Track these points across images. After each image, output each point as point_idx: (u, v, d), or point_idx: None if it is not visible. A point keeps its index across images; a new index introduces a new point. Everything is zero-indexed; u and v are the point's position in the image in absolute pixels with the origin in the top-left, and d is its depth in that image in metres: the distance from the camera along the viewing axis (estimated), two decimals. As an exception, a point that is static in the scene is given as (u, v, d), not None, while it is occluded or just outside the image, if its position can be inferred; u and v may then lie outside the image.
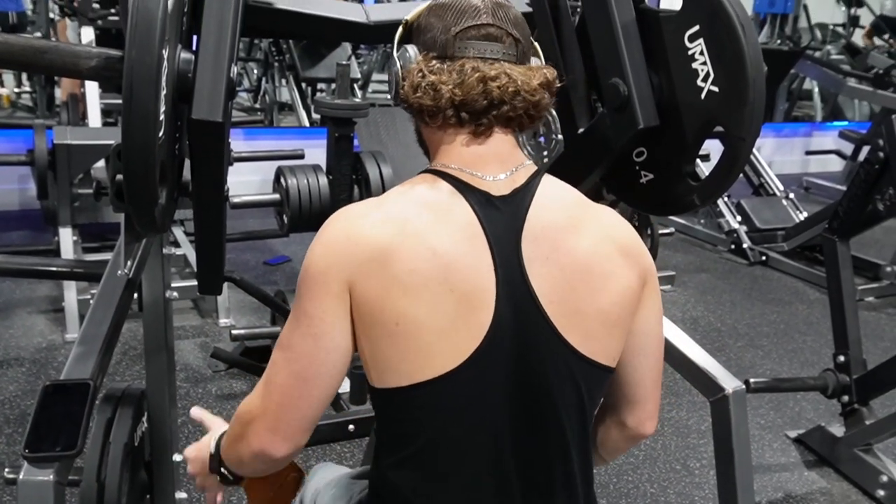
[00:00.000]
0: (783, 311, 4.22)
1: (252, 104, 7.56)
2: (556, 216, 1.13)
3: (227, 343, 3.33)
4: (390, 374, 1.09)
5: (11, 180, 5.00)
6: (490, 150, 1.14)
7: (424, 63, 1.12)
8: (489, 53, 1.11)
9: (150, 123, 1.00)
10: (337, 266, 1.07)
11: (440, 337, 1.06)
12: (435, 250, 1.05)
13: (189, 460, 1.32)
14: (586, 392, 1.15)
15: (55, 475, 1.17)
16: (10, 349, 3.26)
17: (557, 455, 1.15)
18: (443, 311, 1.05)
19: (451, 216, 1.08)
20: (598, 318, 1.13)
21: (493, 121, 1.13)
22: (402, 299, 1.04)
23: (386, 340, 1.07)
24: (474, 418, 1.09)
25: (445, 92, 1.10)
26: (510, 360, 1.09)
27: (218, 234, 1.44)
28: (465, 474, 1.11)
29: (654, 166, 1.51)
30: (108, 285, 1.52)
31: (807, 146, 7.26)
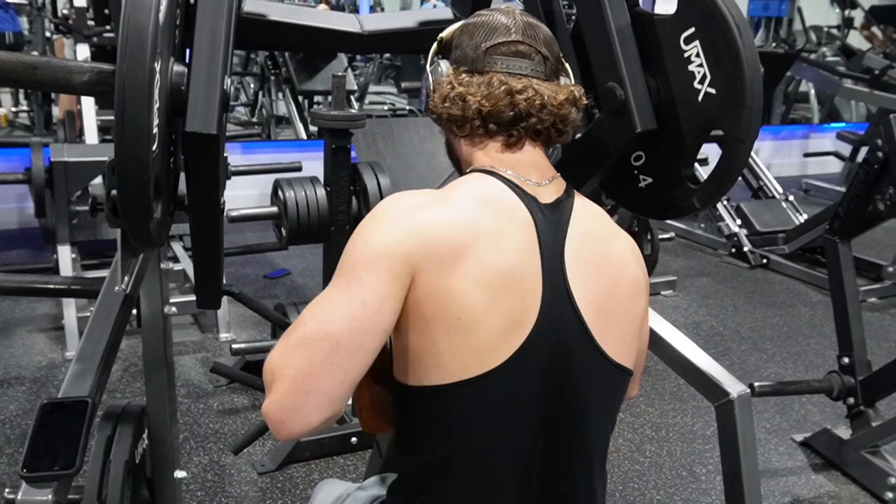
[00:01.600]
0: (786, 313, 4.20)
1: (249, 118, 7.56)
2: (591, 227, 1.18)
3: (227, 358, 3.31)
4: (436, 370, 1.08)
5: (9, 199, 5.00)
6: (526, 158, 1.19)
7: (455, 76, 1.18)
8: (517, 69, 1.17)
9: (143, 137, 0.99)
10: (408, 249, 1.05)
11: (496, 336, 1.07)
12: (502, 250, 1.08)
13: None
14: (612, 396, 1.19)
15: (54, 495, 1.16)
16: (11, 368, 3.25)
17: (580, 462, 1.17)
18: (501, 308, 1.07)
19: (514, 219, 1.12)
20: (627, 324, 1.18)
21: (522, 132, 1.18)
22: (468, 294, 1.05)
23: (443, 335, 1.06)
24: (505, 419, 1.10)
25: (473, 103, 1.15)
26: (545, 362, 1.11)
27: (215, 248, 1.43)
28: (491, 476, 1.11)
29: (652, 170, 1.51)
30: (105, 301, 1.50)
31: (805, 148, 7.27)
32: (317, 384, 1.01)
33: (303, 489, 2.53)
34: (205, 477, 2.57)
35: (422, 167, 4.21)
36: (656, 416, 3.08)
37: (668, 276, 4.46)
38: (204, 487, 2.52)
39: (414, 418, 1.13)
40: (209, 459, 2.67)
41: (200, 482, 2.54)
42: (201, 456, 2.69)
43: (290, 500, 2.47)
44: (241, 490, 2.52)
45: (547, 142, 1.21)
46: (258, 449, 2.72)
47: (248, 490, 2.52)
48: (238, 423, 2.89)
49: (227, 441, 2.77)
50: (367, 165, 2.84)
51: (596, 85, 1.52)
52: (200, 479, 2.56)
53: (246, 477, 2.59)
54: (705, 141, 1.44)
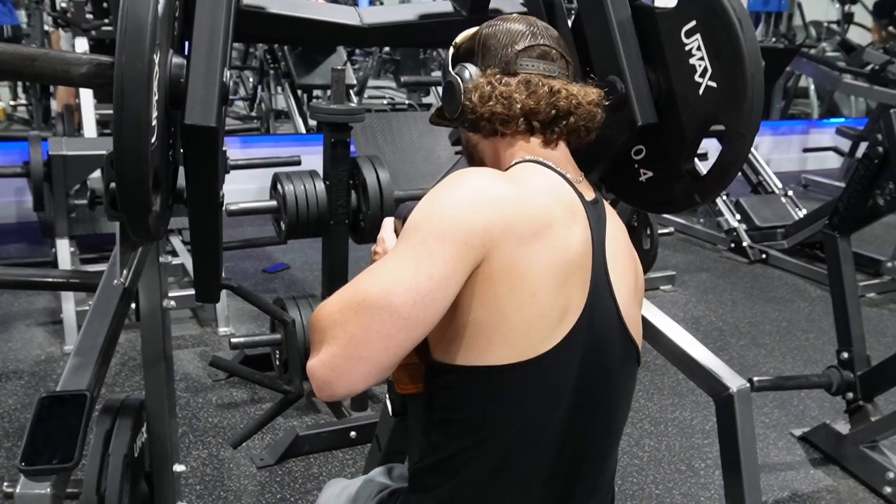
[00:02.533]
0: (785, 308, 4.20)
1: (248, 112, 7.55)
2: (618, 225, 1.25)
3: (226, 352, 3.31)
4: (499, 347, 1.06)
5: (8, 193, 4.99)
6: (563, 156, 1.24)
7: (492, 76, 1.21)
8: (548, 71, 1.22)
9: (141, 130, 0.98)
10: (489, 222, 1.04)
11: (553, 320, 1.09)
12: (568, 237, 1.11)
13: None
14: (631, 387, 1.26)
15: (52, 488, 1.15)
16: (9, 362, 3.24)
17: (606, 452, 1.21)
18: (565, 293, 1.10)
19: (574, 210, 1.15)
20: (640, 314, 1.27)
21: (560, 132, 1.22)
22: (543, 273, 1.07)
23: (515, 311, 1.05)
24: (546, 406, 1.11)
25: (518, 101, 1.18)
26: (585, 352, 1.13)
27: (214, 242, 1.43)
28: (524, 462, 1.11)
29: (653, 164, 1.50)
30: (103, 295, 1.50)
31: (804, 144, 7.27)
32: (370, 352, 1.01)
33: (302, 483, 2.53)
34: (204, 471, 2.57)
35: (420, 161, 4.21)
36: (655, 411, 3.08)
37: (667, 271, 4.45)
38: (203, 481, 2.52)
39: (456, 400, 1.10)
40: (208, 453, 2.67)
41: (199, 476, 2.54)
42: (200, 450, 2.69)
43: (289, 494, 2.47)
44: (240, 484, 2.52)
45: (577, 142, 1.25)
46: (257, 443, 2.72)
47: (246, 484, 2.52)
48: (237, 417, 2.89)
49: (227, 435, 2.77)
50: (366, 159, 2.84)
51: (596, 78, 1.52)
52: (199, 473, 2.56)
53: (245, 471, 2.59)
54: (706, 135, 1.43)
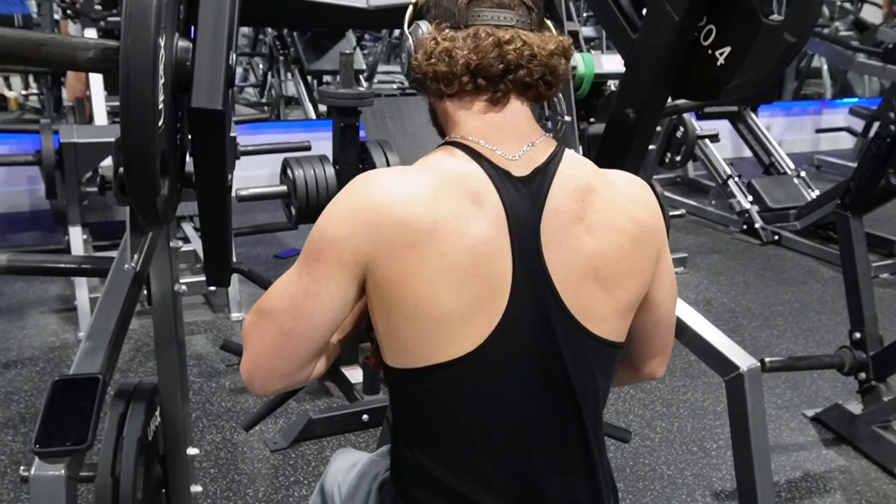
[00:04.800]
0: (797, 290, 4.18)
1: (258, 99, 7.55)
2: (569, 200, 1.11)
3: (239, 337, 3.33)
4: (407, 354, 1.08)
5: (21, 181, 5.03)
6: (507, 122, 1.13)
7: (438, 32, 1.12)
8: (503, 20, 1.11)
9: (148, 113, 0.99)
10: (358, 237, 1.04)
11: (460, 321, 1.05)
12: (463, 235, 1.04)
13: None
14: (601, 373, 1.16)
15: (67, 470, 1.16)
16: (24, 348, 3.27)
17: (576, 435, 1.15)
18: (464, 296, 1.05)
19: (481, 201, 1.07)
20: (613, 303, 1.13)
21: (509, 86, 1.12)
22: (425, 283, 1.03)
23: (403, 322, 1.06)
24: (491, 401, 1.10)
25: (460, 57, 1.09)
26: (527, 343, 1.09)
27: (223, 226, 1.43)
28: (483, 453, 1.11)
29: (727, 36, 1.40)
30: (115, 280, 1.51)
31: (817, 124, 7.21)
32: (268, 362, 1.11)
33: (315, 466, 2.54)
34: (217, 455, 2.59)
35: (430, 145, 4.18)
36: (667, 393, 3.08)
37: (679, 254, 4.44)
38: (217, 465, 2.54)
39: (401, 398, 1.15)
40: (222, 437, 2.69)
41: (213, 460, 2.57)
42: (214, 434, 2.71)
43: (303, 477, 2.49)
44: (253, 467, 2.54)
45: (536, 97, 1.16)
46: (270, 427, 2.74)
47: (260, 467, 2.54)
48: (250, 401, 2.91)
49: (240, 419, 2.79)
50: (375, 144, 2.84)
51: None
52: (213, 457, 2.58)
53: (258, 454, 2.61)
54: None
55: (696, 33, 1.43)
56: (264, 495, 2.41)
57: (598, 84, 2.27)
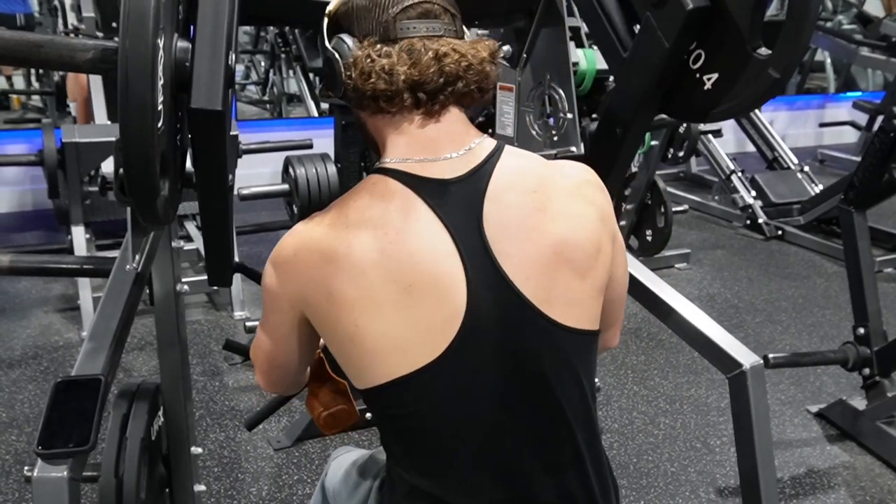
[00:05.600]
0: (801, 285, 4.18)
1: (261, 96, 7.55)
2: (520, 193, 1.11)
3: (242, 335, 3.33)
4: (364, 374, 1.10)
5: (24, 181, 5.03)
6: (443, 132, 1.12)
7: (370, 48, 1.09)
8: (433, 31, 1.09)
9: (147, 113, 0.98)
10: (286, 287, 1.12)
11: (411, 334, 1.05)
12: (383, 252, 1.05)
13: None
14: (579, 362, 1.14)
15: (69, 471, 1.16)
16: (28, 348, 3.28)
17: (561, 432, 1.13)
18: (409, 310, 1.05)
19: (402, 214, 1.07)
20: (578, 289, 1.12)
21: (446, 100, 1.11)
22: (354, 306, 1.05)
23: (349, 345, 1.08)
24: (463, 406, 1.09)
25: (401, 73, 1.07)
26: (494, 344, 1.07)
27: (224, 225, 1.43)
28: (464, 460, 1.11)
29: (715, 63, 1.41)
30: (116, 280, 1.51)
31: (820, 118, 7.19)
32: (269, 378, 1.30)
33: (318, 464, 2.55)
34: (221, 453, 2.60)
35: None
36: (670, 389, 3.08)
37: (682, 249, 4.43)
38: (221, 464, 2.54)
39: (375, 415, 1.17)
40: (225, 436, 2.69)
41: (217, 458, 2.57)
42: (217, 433, 2.71)
43: (306, 476, 2.49)
44: (257, 466, 2.54)
45: (470, 103, 1.15)
46: (273, 425, 2.74)
47: (264, 466, 2.55)
48: (253, 399, 2.91)
49: (243, 418, 2.79)
50: (377, 141, 2.83)
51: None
52: (217, 456, 2.58)
53: (262, 453, 2.61)
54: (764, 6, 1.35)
55: (686, 56, 1.44)
56: (268, 494, 2.41)
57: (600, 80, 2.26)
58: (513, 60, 1.93)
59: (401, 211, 1.07)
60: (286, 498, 2.39)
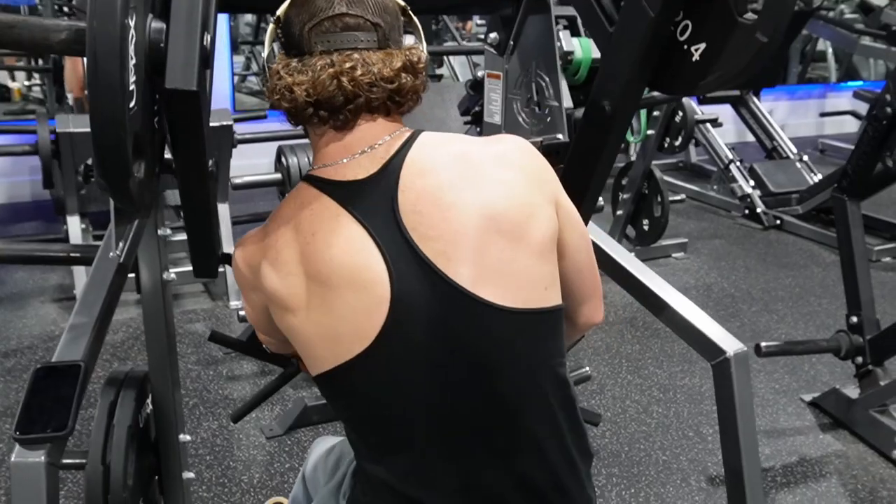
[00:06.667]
0: (798, 274, 4.17)
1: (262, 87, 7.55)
2: (433, 176, 1.10)
3: (236, 326, 3.34)
4: (310, 364, 1.15)
5: (23, 172, 5.04)
6: (355, 139, 1.13)
7: (283, 63, 1.11)
8: (344, 44, 1.09)
9: (116, 93, 0.97)
10: (243, 280, 1.21)
11: (338, 325, 1.08)
12: (302, 253, 1.10)
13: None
14: (525, 344, 1.11)
15: (47, 456, 1.17)
16: (24, 337, 3.29)
17: (506, 419, 1.11)
18: (328, 303, 1.08)
19: (318, 218, 1.10)
20: (512, 258, 1.09)
21: (350, 114, 1.11)
22: (289, 303, 1.11)
23: (293, 337, 1.15)
24: (402, 395, 1.10)
25: (300, 93, 1.09)
26: (425, 332, 1.07)
27: (206, 213, 1.43)
28: (414, 449, 1.11)
29: (702, 33, 1.39)
30: (99, 268, 1.51)
31: (821, 108, 7.17)
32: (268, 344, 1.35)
33: (310, 453, 2.55)
34: (214, 441, 2.61)
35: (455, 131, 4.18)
36: (664, 378, 3.07)
37: (679, 239, 4.43)
38: (213, 452, 2.55)
39: (328, 401, 1.22)
40: (218, 424, 2.70)
41: (210, 447, 2.58)
42: (210, 421, 2.72)
43: (298, 464, 2.50)
44: (249, 454, 2.55)
45: (387, 112, 1.15)
46: (266, 413, 2.74)
47: (256, 454, 2.55)
48: (247, 388, 2.92)
49: (236, 406, 2.79)
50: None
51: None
52: (209, 444, 2.59)
53: (254, 441, 2.62)
54: None
55: (673, 28, 1.43)
56: (259, 482, 2.42)
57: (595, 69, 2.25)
58: (500, 48, 1.92)
59: (317, 215, 1.11)
60: (277, 486, 2.40)
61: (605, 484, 2.41)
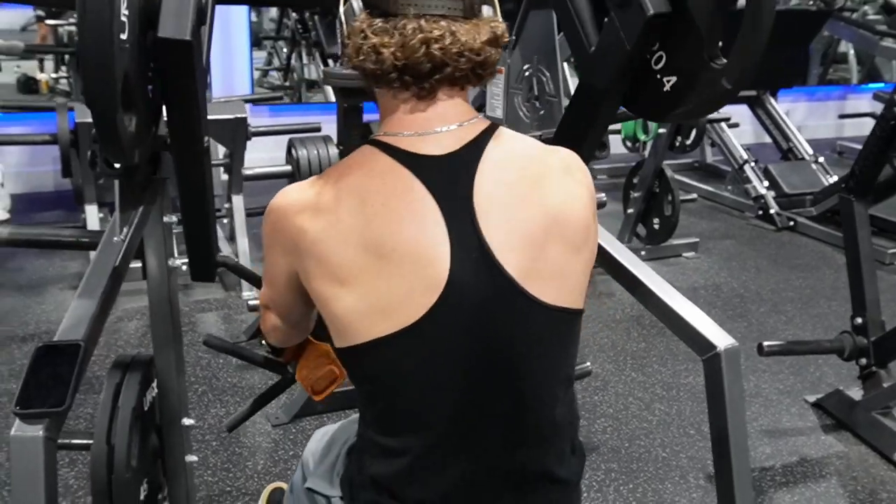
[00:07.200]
0: (809, 276, 4.15)
1: (282, 82, 7.62)
2: (512, 169, 1.13)
3: (246, 315, 3.39)
4: (345, 333, 1.12)
5: (45, 162, 5.11)
6: (436, 111, 1.13)
7: (367, 22, 1.09)
8: (432, 9, 1.08)
9: (104, 25, 0.98)
10: (278, 236, 1.17)
11: (390, 297, 1.07)
12: (367, 220, 1.08)
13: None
14: (555, 341, 1.16)
15: (45, 431, 1.21)
16: (42, 323, 3.36)
17: (528, 410, 1.15)
18: (384, 274, 1.07)
19: (390, 187, 1.09)
20: (568, 263, 1.14)
21: (436, 84, 1.11)
22: (340, 268, 1.09)
23: (333, 304, 1.10)
24: (434, 373, 1.11)
25: (388, 56, 1.07)
26: (470, 316, 1.09)
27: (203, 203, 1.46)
28: (431, 428, 1.13)
29: (675, 66, 1.45)
30: (103, 252, 1.55)
31: (841, 109, 7.11)
32: (267, 321, 1.37)
33: (314, 441, 2.59)
34: (220, 428, 2.65)
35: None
36: (668, 376, 3.09)
37: (690, 238, 4.42)
38: (219, 438, 2.60)
39: (353, 377, 1.20)
40: (225, 412, 2.75)
41: (216, 433, 2.63)
42: (218, 408, 2.77)
43: (301, 452, 2.53)
44: (254, 441, 2.60)
45: (465, 86, 1.16)
46: (273, 402, 2.78)
47: (261, 441, 2.60)
48: (255, 378, 2.96)
49: (244, 395, 2.84)
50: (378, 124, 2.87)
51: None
52: (216, 431, 2.64)
53: (260, 429, 2.66)
54: (724, 11, 1.39)
55: (649, 56, 1.48)
56: (263, 468, 2.46)
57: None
58: (502, 44, 1.95)
59: (389, 185, 1.10)
60: (281, 472, 2.44)
61: (604, 479, 2.43)
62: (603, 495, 2.37)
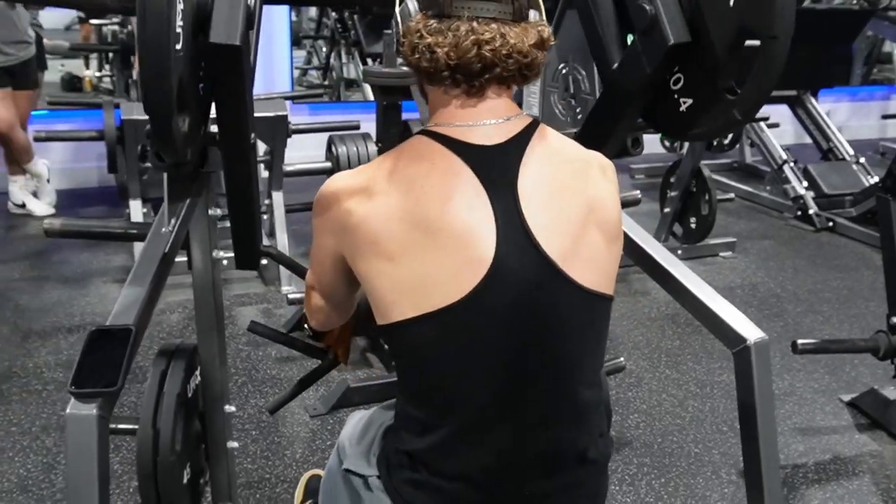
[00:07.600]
0: (847, 276, 4.12)
1: (322, 81, 7.71)
2: (555, 163, 1.21)
3: (285, 308, 3.46)
4: (390, 308, 1.16)
5: (90, 158, 5.24)
6: (485, 108, 1.20)
7: (423, 23, 1.16)
8: (485, 13, 1.14)
9: (162, 38, 1.05)
10: (328, 219, 1.22)
11: (437, 274, 1.13)
12: (417, 200, 1.14)
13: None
14: (590, 323, 1.21)
15: (98, 409, 1.27)
16: (86, 314, 3.47)
17: (564, 389, 1.20)
18: (431, 252, 1.13)
19: (440, 171, 1.16)
20: (603, 251, 1.21)
21: (485, 83, 1.18)
22: (388, 245, 1.14)
23: (379, 280, 1.16)
24: (476, 350, 1.15)
25: (441, 55, 1.14)
26: (513, 296, 1.14)
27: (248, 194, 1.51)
28: (471, 403, 1.17)
29: (691, 90, 1.51)
30: (152, 242, 1.61)
31: (884, 110, 7.02)
32: (310, 302, 1.44)
33: (350, 431, 2.65)
34: (260, 418, 2.72)
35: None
36: (702, 374, 3.09)
37: (727, 238, 4.41)
38: (259, 427, 2.67)
39: (395, 354, 1.25)
40: (265, 402, 2.82)
41: (255, 422, 2.69)
42: (258, 398, 2.84)
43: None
44: (293, 430, 2.66)
45: (512, 85, 1.22)
46: (311, 394, 2.85)
47: (299, 431, 2.66)
48: (294, 370, 3.03)
49: (283, 386, 2.91)
50: (418, 122, 2.91)
51: (628, 7, 1.54)
52: (255, 420, 2.71)
53: (298, 419, 2.73)
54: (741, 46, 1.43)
55: (668, 76, 1.53)
56: (301, 457, 2.53)
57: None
58: (539, 42, 1.99)
59: (438, 167, 1.17)
60: (318, 461, 2.50)
61: (636, 473, 2.46)
62: (635, 489, 2.39)
